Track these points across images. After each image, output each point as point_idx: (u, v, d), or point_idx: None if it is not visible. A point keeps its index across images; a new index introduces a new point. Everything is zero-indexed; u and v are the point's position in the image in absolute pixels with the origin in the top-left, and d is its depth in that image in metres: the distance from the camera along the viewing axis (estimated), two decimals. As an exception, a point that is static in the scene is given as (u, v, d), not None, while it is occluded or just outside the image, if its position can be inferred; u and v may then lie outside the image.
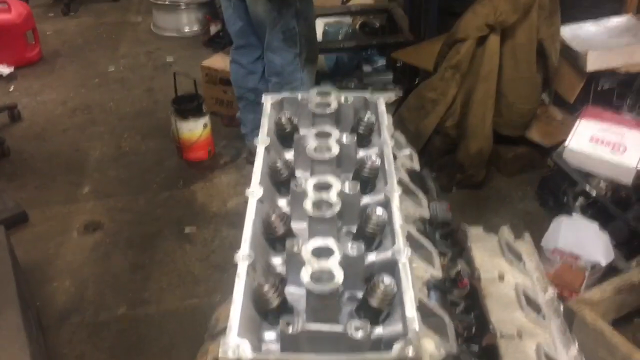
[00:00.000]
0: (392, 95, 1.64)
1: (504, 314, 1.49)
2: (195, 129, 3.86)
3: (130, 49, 5.59)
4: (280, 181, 1.37)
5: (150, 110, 4.60)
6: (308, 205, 1.17)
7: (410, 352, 0.95)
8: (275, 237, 1.22)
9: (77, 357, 2.73)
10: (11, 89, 4.97)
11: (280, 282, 1.17)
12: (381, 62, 4.85)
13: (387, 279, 1.05)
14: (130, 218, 3.54)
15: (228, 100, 4.30)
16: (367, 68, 4.83)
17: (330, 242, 1.07)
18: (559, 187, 3.22)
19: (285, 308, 1.08)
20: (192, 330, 2.74)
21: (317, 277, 1.01)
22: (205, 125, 3.89)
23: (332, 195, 1.18)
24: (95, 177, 3.89)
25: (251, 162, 1.74)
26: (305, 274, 1.01)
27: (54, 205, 3.65)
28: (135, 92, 4.87)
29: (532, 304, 1.52)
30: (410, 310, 1.03)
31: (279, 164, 1.36)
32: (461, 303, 1.54)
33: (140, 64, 5.32)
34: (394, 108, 3.96)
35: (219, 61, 4.37)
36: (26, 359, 2.18)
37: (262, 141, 1.44)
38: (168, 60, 5.32)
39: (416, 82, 3.71)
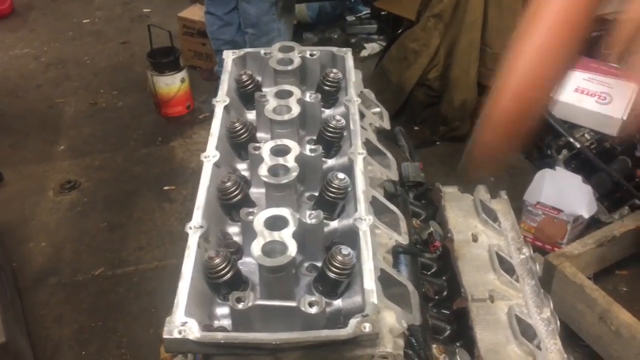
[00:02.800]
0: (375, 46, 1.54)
1: (476, 277, 1.45)
2: (172, 84, 3.74)
3: (106, 0, 5.38)
4: (240, 144, 1.29)
5: (127, 64, 4.46)
6: (263, 170, 1.10)
7: (367, 327, 0.90)
8: (231, 205, 1.16)
9: (55, 319, 2.69)
10: (-18, 43, 4.80)
11: (236, 252, 1.12)
12: (365, 11, 4.70)
13: (344, 250, 0.99)
14: (108, 176, 3.47)
15: (207, 53, 4.16)
16: (350, 18, 4.69)
17: (284, 211, 1.01)
18: (543, 139, 3.16)
19: (238, 281, 1.03)
20: (172, 291, 2.70)
21: (268, 250, 0.95)
22: (182, 80, 3.77)
23: (290, 160, 1.11)
24: (71, 135, 3.79)
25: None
26: (256, 247, 0.95)
27: (28, 163, 3.56)
28: (111, 46, 4.71)
29: (505, 266, 1.47)
30: (369, 283, 0.97)
31: (238, 125, 1.28)
32: (433, 266, 1.50)
33: (115, 16, 5.13)
34: (377, 59, 3.86)
35: (196, 12, 4.21)
36: (-2, 324, 2.14)
37: (221, 100, 1.35)
38: (145, 11, 5.13)
39: (399, 32, 3.59)
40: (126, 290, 2.81)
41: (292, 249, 0.94)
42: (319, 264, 1.07)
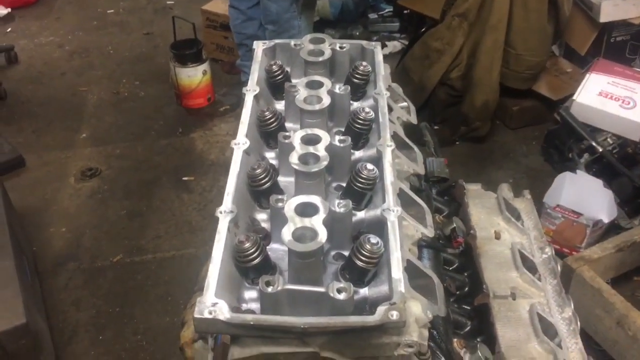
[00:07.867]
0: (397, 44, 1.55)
1: (498, 274, 1.45)
2: (194, 76, 3.76)
3: (130, -9, 5.43)
4: (269, 133, 1.31)
5: (150, 55, 4.49)
6: (294, 158, 1.11)
7: (394, 315, 0.91)
8: (260, 192, 1.17)
9: (73, 303, 2.73)
10: (8, 30, 4.86)
11: (264, 238, 1.13)
12: (388, 9, 4.70)
13: (373, 239, 1.00)
14: (128, 165, 3.50)
15: (229, 47, 4.19)
16: (373, 15, 4.69)
17: (315, 199, 1.02)
18: (564, 143, 3.14)
19: (267, 266, 1.04)
20: (188, 280, 2.72)
21: (299, 235, 0.96)
22: (204, 72, 3.79)
23: (320, 149, 1.12)
24: (93, 123, 3.83)
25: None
26: (286, 232, 0.96)
27: (51, 150, 3.60)
28: (135, 36, 4.75)
29: (527, 264, 1.47)
30: (397, 272, 0.98)
31: (268, 114, 1.29)
32: (455, 261, 1.50)
33: (139, 7, 5.18)
34: (399, 57, 3.85)
35: (220, 5, 4.23)
36: (19, 305, 2.16)
37: (251, 89, 1.37)
38: (168, 4, 5.17)
39: (422, 31, 3.58)
40: (144, 277, 2.84)
41: (323, 235, 0.95)
42: (346, 253, 1.08)
